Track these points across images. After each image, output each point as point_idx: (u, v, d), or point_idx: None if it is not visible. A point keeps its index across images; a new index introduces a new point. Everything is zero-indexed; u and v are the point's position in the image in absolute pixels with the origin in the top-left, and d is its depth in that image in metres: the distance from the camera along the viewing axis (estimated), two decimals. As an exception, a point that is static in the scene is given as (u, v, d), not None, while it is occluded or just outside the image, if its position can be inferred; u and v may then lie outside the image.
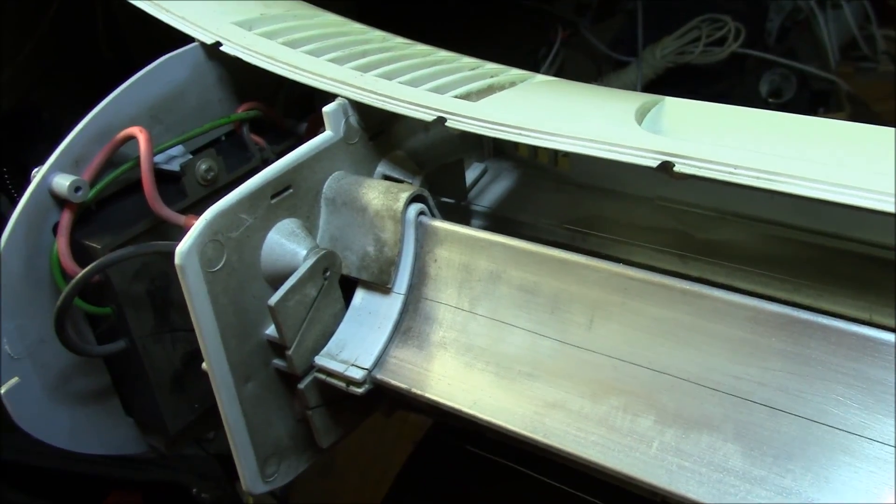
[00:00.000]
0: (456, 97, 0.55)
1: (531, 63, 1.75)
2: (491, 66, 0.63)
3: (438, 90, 0.56)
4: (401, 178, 0.59)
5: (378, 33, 0.68)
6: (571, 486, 0.64)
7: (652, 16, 1.74)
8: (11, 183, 1.13)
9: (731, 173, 0.44)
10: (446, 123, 0.53)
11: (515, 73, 0.62)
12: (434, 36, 0.68)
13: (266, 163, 0.57)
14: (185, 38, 0.64)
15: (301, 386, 0.54)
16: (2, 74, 1.22)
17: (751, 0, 1.73)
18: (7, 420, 0.59)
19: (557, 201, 0.65)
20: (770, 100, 1.70)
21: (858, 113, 1.66)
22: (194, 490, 1.23)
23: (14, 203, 0.56)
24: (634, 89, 1.69)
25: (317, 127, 0.58)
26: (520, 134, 0.50)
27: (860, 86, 1.74)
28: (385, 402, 0.64)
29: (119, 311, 0.57)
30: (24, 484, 1.06)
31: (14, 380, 0.57)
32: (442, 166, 0.62)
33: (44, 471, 1.06)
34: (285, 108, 0.69)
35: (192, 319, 0.49)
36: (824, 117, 0.51)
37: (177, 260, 0.48)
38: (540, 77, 0.62)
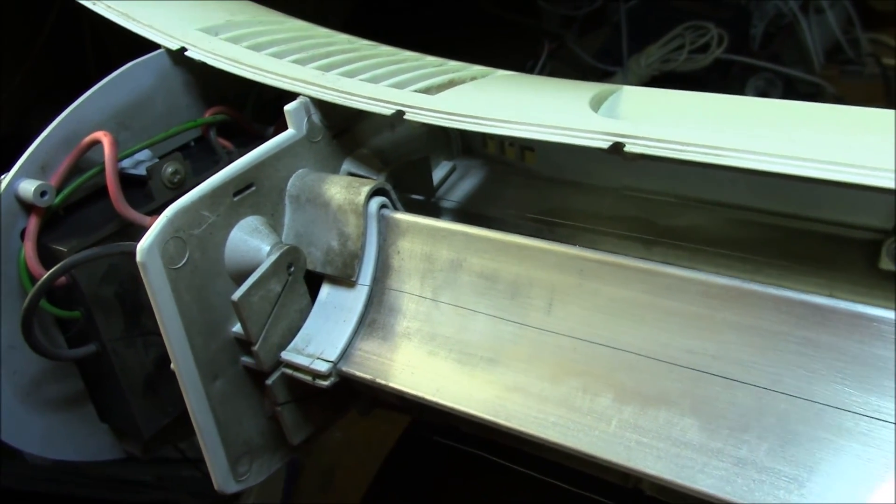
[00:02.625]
0: (416, 91, 0.56)
1: (518, 76, 1.76)
2: (454, 64, 0.64)
3: (399, 86, 0.57)
4: (366, 175, 0.60)
5: (343, 36, 0.69)
6: (548, 476, 0.64)
7: (636, 26, 1.75)
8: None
9: (680, 150, 0.44)
10: (405, 116, 0.53)
11: (477, 69, 0.63)
12: (420, 50, 0.69)
13: (234, 166, 0.58)
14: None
15: (269, 382, 0.54)
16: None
17: (734, 7, 1.75)
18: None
19: (525, 195, 0.65)
20: (756, 105, 1.70)
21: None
22: (189, 509, 1.23)
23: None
24: (620, 98, 1.69)
25: (284, 129, 0.58)
26: (475, 123, 0.50)
27: (846, 89, 1.75)
28: (361, 399, 0.64)
29: (88, 314, 0.58)
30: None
31: (-15, 385, 0.58)
32: (408, 164, 0.63)
33: (36, 495, 1.06)
34: (256, 112, 0.70)
35: (157, 317, 0.50)
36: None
37: (138, 257, 0.48)
38: (501, 72, 0.63)
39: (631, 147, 0.45)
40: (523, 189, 0.66)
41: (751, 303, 0.42)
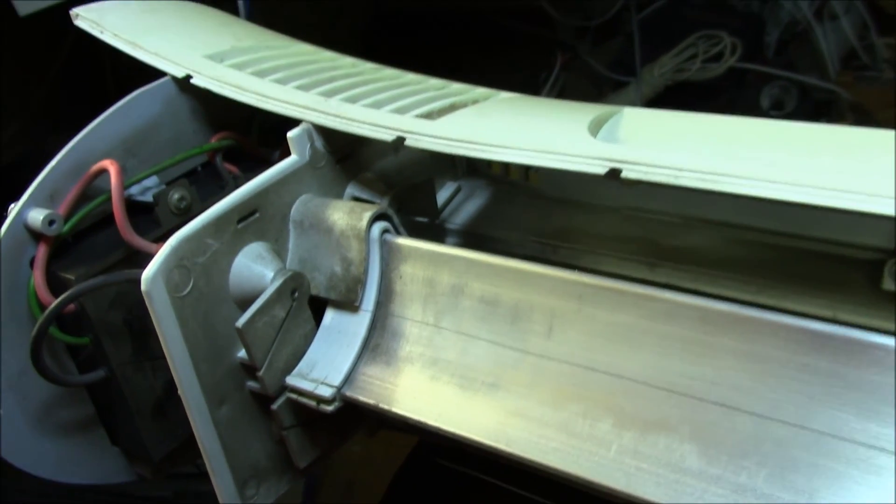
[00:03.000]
0: (417, 116, 0.56)
1: (532, 87, 1.77)
2: (457, 87, 0.64)
3: (400, 111, 0.57)
4: (370, 199, 0.60)
5: (348, 60, 0.69)
6: (550, 499, 0.64)
7: (649, 36, 1.75)
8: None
9: (675, 176, 0.44)
10: (406, 142, 0.53)
11: (479, 91, 0.63)
12: (434, 63, 0.69)
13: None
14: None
15: (274, 406, 0.55)
16: (12, 125, 1.25)
17: (747, 15, 1.74)
18: (5, 464, 0.60)
19: (529, 216, 0.66)
20: (772, 112, 1.70)
21: (861, 121, 1.65)
22: (205, 529, 1.23)
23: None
24: (633, 108, 1.69)
25: (289, 154, 0.59)
26: (474, 148, 0.51)
27: (862, 95, 1.73)
28: (366, 421, 0.65)
29: (96, 340, 0.58)
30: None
31: (-4, 412, 0.59)
32: (412, 186, 0.63)
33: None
34: (261, 136, 0.70)
35: (162, 344, 0.50)
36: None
37: (143, 286, 0.49)
38: (504, 94, 0.63)
39: (627, 173, 0.45)
40: (528, 209, 0.66)
41: (749, 329, 0.42)
